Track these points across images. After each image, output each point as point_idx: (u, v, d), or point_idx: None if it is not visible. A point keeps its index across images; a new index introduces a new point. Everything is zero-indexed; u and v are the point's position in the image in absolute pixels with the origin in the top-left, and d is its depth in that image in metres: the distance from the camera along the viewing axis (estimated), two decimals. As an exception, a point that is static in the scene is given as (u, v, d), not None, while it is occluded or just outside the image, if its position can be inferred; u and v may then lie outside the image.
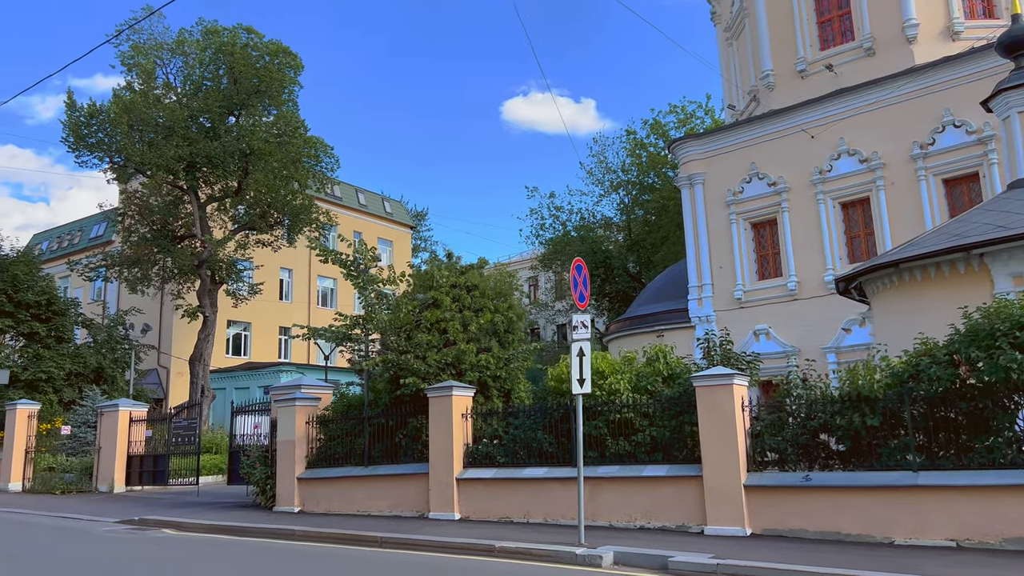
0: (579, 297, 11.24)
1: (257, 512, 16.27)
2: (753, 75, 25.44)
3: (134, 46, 32.86)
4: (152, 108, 31.21)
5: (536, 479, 13.19)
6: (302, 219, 36.70)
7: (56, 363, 28.64)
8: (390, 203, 65.05)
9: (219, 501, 18.90)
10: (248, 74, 32.77)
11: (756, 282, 23.56)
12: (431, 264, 16.64)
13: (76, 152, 30.84)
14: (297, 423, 16.30)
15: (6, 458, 22.86)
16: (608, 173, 38.61)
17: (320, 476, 15.95)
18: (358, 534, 12.65)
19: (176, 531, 14.66)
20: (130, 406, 22.70)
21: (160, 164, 30.59)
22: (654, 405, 12.70)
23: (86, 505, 19.16)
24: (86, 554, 12.08)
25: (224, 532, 14.19)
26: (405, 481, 14.80)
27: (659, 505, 12.03)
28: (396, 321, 15.00)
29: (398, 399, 15.64)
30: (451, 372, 15.42)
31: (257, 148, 32.51)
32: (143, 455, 22.10)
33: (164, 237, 34.33)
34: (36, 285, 29.83)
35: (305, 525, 13.72)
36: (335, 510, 15.55)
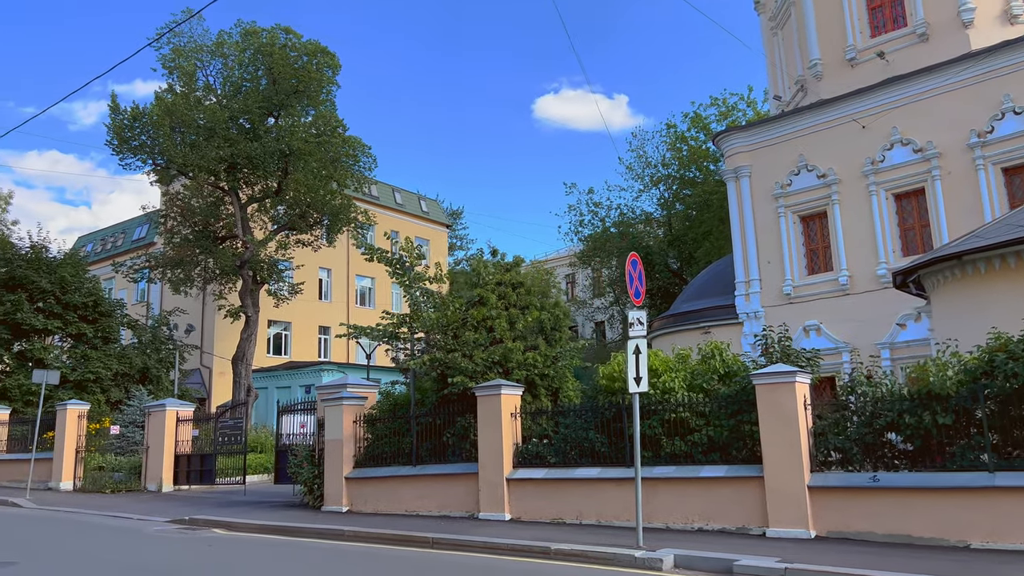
0: (635, 293, 10.93)
1: (305, 512, 16.23)
2: (800, 65, 24.82)
3: (175, 49, 33.18)
4: (193, 110, 31.49)
5: (589, 479, 12.92)
6: (341, 219, 36.82)
7: (103, 364, 29.02)
8: (426, 202, 65.18)
9: (266, 500, 18.93)
10: (287, 74, 32.90)
11: (805, 277, 22.98)
12: (477, 261, 16.40)
13: (120, 155, 31.23)
14: (344, 422, 16.22)
15: (57, 457, 23.18)
16: (648, 168, 38.14)
17: (368, 476, 15.85)
18: (409, 535, 12.50)
19: (226, 531, 14.66)
20: (177, 406, 22.88)
21: (202, 165, 30.85)
22: (710, 404, 12.36)
23: (136, 504, 19.33)
24: (138, 554, 12.09)
25: (274, 532, 14.15)
26: (454, 481, 14.63)
27: (717, 507, 11.68)
28: (443, 319, 14.83)
29: (445, 398, 15.47)
30: (498, 371, 15.21)
31: (297, 148, 32.63)
32: (190, 454, 22.27)
33: (206, 238, 34.65)
34: (83, 287, 30.27)
35: (355, 525, 13.61)
36: (383, 510, 15.44)
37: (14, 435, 26.08)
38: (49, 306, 29.15)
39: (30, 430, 25.48)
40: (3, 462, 25.29)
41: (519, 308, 16.30)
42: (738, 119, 36.47)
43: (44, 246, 30.64)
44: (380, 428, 16.42)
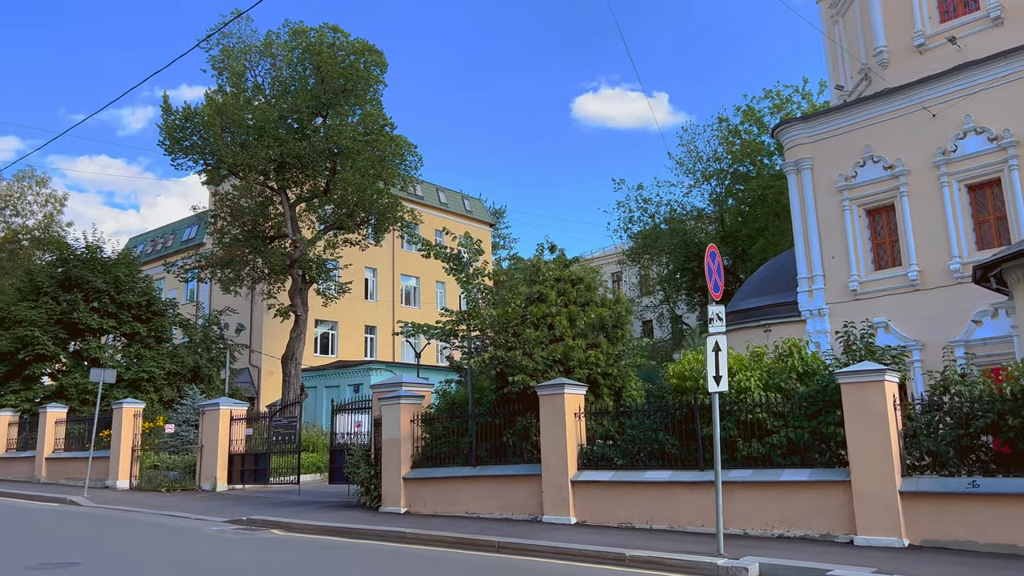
0: (713, 287, 10.39)
1: (363, 512, 15.95)
2: (864, 52, 23.87)
3: (224, 49, 33.33)
4: (243, 109, 31.58)
5: (659, 483, 12.38)
6: (388, 218, 36.69)
7: (157, 363, 29.24)
8: (470, 201, 64.99)
9: (321, 500, 18.73)
10: (334, 73, 32.81)
11: (872, 272, 22.07)
12: (536, 258, 15.95)
13: (172, 155, 31.46)
14: (402, 422, 15.91)
15: (114, 456, 23.32)
16: (699, 163, 37.29)
17: (426, 476, 15.51)
18: (474, 538, 12.10)
19: (284, 532, 14.44)
20: (230, 405, 22.85)
21: (252, 165, 30.91)
22: (788, 404, 11.74)
23: (191, 503, 19.28)
24: (198, 555, 11.89)
25: (333, 534, 13.87)
26: (516, 482, 14.21)
27: (799, 512, 11.06)
28: (504, 316, 14.41)
29: (504, 397, 15.07)
30: (559, 369, 14.77)
31: (345, 147, 32.55)
32: (244, 453, 22.20)
33: (255, 237, 34.77)
34: (137, 286, 30.55)
35: (416, 527, 13.26)
36: (442, 511, 15.08)
37: (71, 433, 26.37)
38: (104, 305, 29.44)
39: (87, 428, 25.76)
40: (61, 460, 25.55)
41: (579, 305, 15.82)
42: (792, 112, 35.48)
43: (99, 246, 30.99)
44: (437, 428, 16.07)
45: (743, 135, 35.96)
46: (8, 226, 41.14)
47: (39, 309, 28.41)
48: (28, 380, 28.45)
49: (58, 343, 28.70)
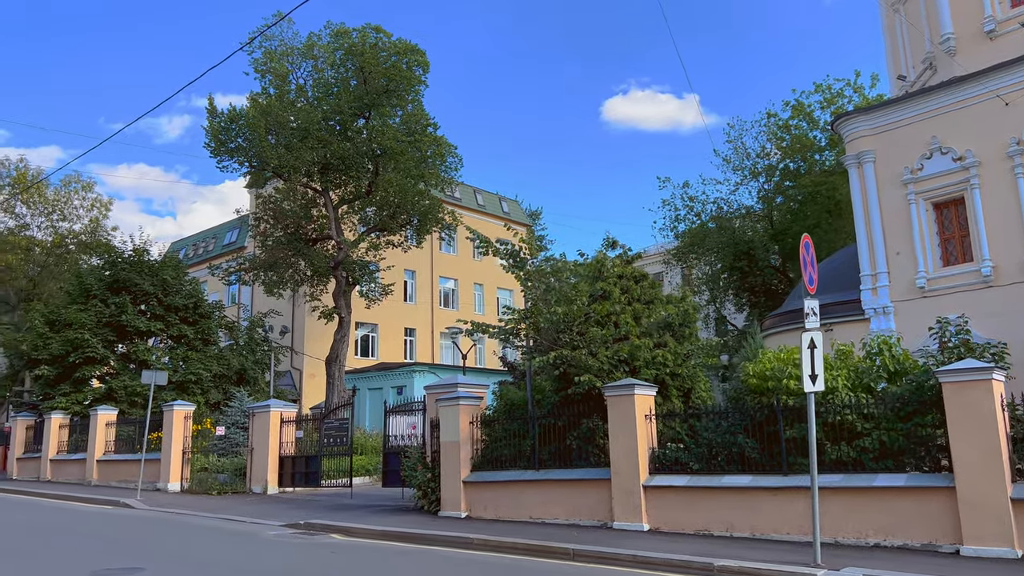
0: (808, 280, 9.78)
1: (422, 517, 15.54)
2: (928, 40, 22.96)
3: (266, 52, 33.30)
4: (287, 111, 31.48)
5: (739, 488, 11.77)
6: (429, 219, 36.40)
7: (204, 365, 29.19)
8: (507, 203, 64.66)
9: (376, 504, 18.36)
10: (377, 74, 32.60)
11: (940, 268, 21.15)
12: (599, 253, 15.43)
13: (217, 157, 31.46)
14: (461, 424, 15.48)
15: (165, 458, 23.21)
16: (746, 159, 36.40)
17: (487, 480, 15.05)
18: (545, 545, 11.60)
19: (344, 536, 14.07)
20: (280, 407, 22.62)
21: (296, 167, 30.80)
22: (879, 405, 11.08)
23: (244, 507, 19.04)
24: (261, 561, 11.55)
25: (394, 539, 13.47)
26: (583, 487, 13.68)
27: (896, 520, 10.39)
28: (569, 314, 13.91)
29: (568, 398, 14.55)
30: (624, 369, 14.23)
31: (388, 148, 32.31)
32: (294, 456, 21.95)
33: (298, 240, 34.69)
34: (183, 289, 30.56)
35: (481, 532, 12.80)
36: (504, 516, 14.61)
37: (120, 436, 26.39)
38: (152, 308, 29.49)
39: (135, 431, 25.75)
40: (112, 462, 25.56)
41: (643, 303, 15.29)
42: (843, 106, 34.47)
43: (145, 249, 31.09)
44: (497, 430, 15.62)
45: (793, 131, 35.01)
46: (56, 231, 41.60)
47: (88, 312, 28.52)
48: (78, 383, 28.56)
49: (107, 345, 28.79)
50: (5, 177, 40.86)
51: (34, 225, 41.83)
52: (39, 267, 41.49)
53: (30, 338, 29.59)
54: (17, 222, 41.54)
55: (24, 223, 41.57)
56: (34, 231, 41.86)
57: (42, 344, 28.45)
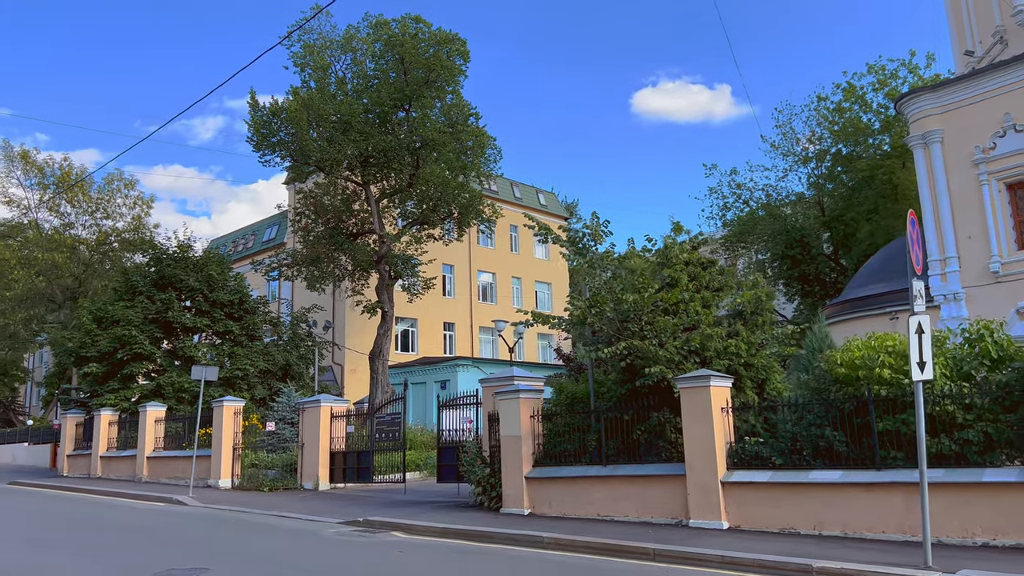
0: (915, 259, 9.07)
1: (482, 514, 15.06)
2: (998, 14, 21.91)
3: (305, 45, 33.03)
4: (328, 104, 31.17)
5: (828, 484, 11.09)
6: (471, 212, 35.87)
7: (250, 360, 29.05)
8: (544, 195, 64.04)
9: (433, 500, 17.93)
10: (417, 64, 32.15)
11: (1015, 252, 20.18)
12: (668, 239, 14.78)
13: (260, 151, 31.26)
14: (522, 418, 14.96)
15: (215, 455, 23.04)
16: (796, 144, 35.35)
17: (551, 476, 14.52)
18: (622, 544, 11.03)
19: (406, 534, 13.64)
20: (331, 401, 22.32)
21: (339, 160, 30.49)
22: (981, 394, 10.33)
23: (298, 503, 18.74)
24: (326, 561, 11.14)
25: (459, 536, 13.00)
26: (655, 483, 13.09)
27: (1008, 518, 9.65)
28: (639, 303, 13.29)
29: (634, 391, 13.94)
30: (694, 360, 13.59)
31: (430, 139, 31.86)
32: (346, 451, 21.62)
33: (339, 235, 34.45)
34: (228, 284, 30.45)
35: (552, 531, 12.26)
36: (569, 513, 14.07)
37: (169, 432, 26.33)
38: (198, 304, 29.42)
39: (184, 427, 25.68)
40: (161, 459, 25.51)
41: (712, 290, 14.64)
42: (897, 87, 33.30)
43: (189, 245, 31.03)
44: (558, 424, 15.08)
45: (845, 114, 33.89)
46: (99, 229, 41.88)
47: (135, 308, 28.53)
48: (126, 379, 28.59)
49: (154, 342, 28.77)
50: (50, 176, 41.22)
51: (78, 224, 42.22)
52: (84, 265, 41.82)
53: (78, 335, 29.71)
54: (62, 221, 41.93)
55: (69, 222, 41.95)
56: (78, 230, 42.24)
57: (90, 341, 28.53)
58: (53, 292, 41.52)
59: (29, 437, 40.80)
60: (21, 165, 40.36)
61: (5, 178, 40.63)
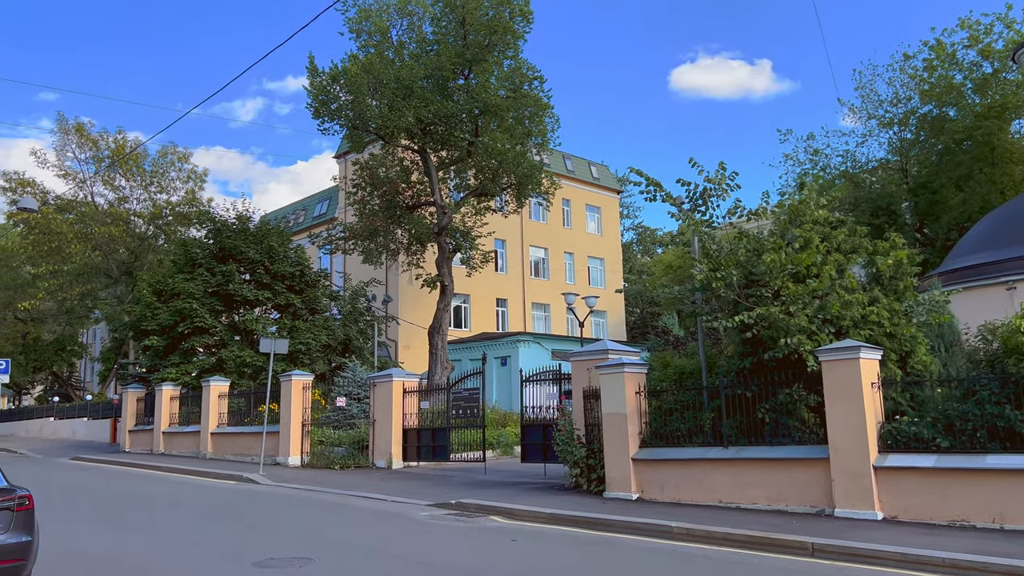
0: None
1: (584, 498, 13.84)
2: None
3: (361, 10, 31.81)
4: (388, 68, 29.92)
5: (1010, 471, 9.63)
6: (533, 181, 34.39)
7: (313, 335, 28.17)
8: (596, 167, 62.21)
9: (518, 482, 16.76)
10: (479, 27, 30.71)
11: None
12: (805, 189, 13.24)
13: (319, 119, 30.19)
14: (627, 394, 13.66)
15: (284, 431, 22.17)
16: (879, 107, 33.20)
17: (663, 458, 13.22)
18: (772, 537, 9.72)
19: (508, 519, 12.49)
20: (402, 376, 21.29)
21: (400, 126, 29.27)
22: None
23: (375, 482, 17.74)
24: (437, 550, 10.01)
25: (570, 524, 11.80)
26: (790, 468, 11.72)
27: None
28: (776, 264, 11.83)
29: (759, 365, 12.56)
30: (828, 331, 12.15)
31: (492, 104, 30.45)
32: (419, 428, 20.59)
33: (398, 207, 33.36)
34: (289, 256, 29.57)
35: (678, 520, 10.98)
36: (686, 499, 12.78)
37: (232, 408, 25.60)
38: (258, 276, 28.57)
39: (246, 403, 24.91)
40: (226, 435, 24.80)
41: (844, 253, 13.13)
42: (991, 44, 30.98)
43: (249, 216, 30.19)
44: (668, 401, 13.76)
45: (937, 73, 31.65)
46: (154, 203, 41.38)
47: (195, 281, 27.78)
48: (186, 353, 27.92)
49: (214, 315, 28.02)
50: (104, 150, 40.74)
51: (133, 198, 41.78)
52: (139, 240, 41.42)
53: (138, 308, 29.10)
54: (117, 195, 41.52)
55: (124, 196, 41.52)
56: (133, 204, 41.80)
57: (150, 314, 27.89)
58: (109, 266, 41.21)
59: (88, 412, 40.73)
60: (76, 139, 39.91)
61: (61, 152, 40.26)
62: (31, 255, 40.49)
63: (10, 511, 7.35)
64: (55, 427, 44.34)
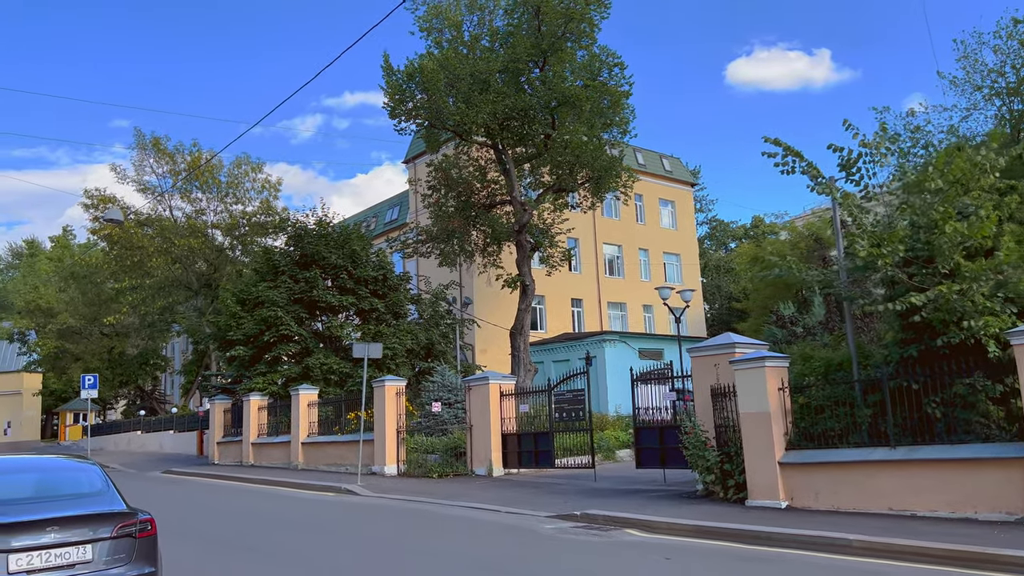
0: None
1: (723, 507, 12.52)
2: None
3: (430, 8, 31.08)
4: (463, 63, 29.07)
5: None
6: (613, 175, 33.03)
7: (398, 339, 27.44)
8: (668, 160, 60.37)
9: (638, 489, 15.53)
10: (554, 15, 29.60)
11: None
12: (984, 154, 11.66)
13: (396, 119, 29.54)
14: (769, 391, 12.31)
15: (378, 439, 21.35)
16: (987, 77, 30.76)
17: (816, 461, 11.83)
18: (985, 552, 8.28)
19: (646, 533, 11.27)
20: (499, 379, 20.27)
21: (478, 122, 28.36)
22: None
23: (481, 492, 16.72)
24: (579, 569, 8.85)
25: (718, 536, 10.51)
26: (977, 469, 10.20)
27: None
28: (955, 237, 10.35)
29: (927, 353, 11.09)
30: (1010, 312, 10.62)
31: (571, 95, 29.27)
32: (519, 433, 19.54)
33: (473, 207, 32.49)
34: (371, 260, 28.94)
35: (854, 531, 9.58)
36: (846, 507, 11.35)
37: (321, 416, 24.98)
38: (341, 281, 27.99)
39: (333, 411, 24.28)
40: (317, 444, 24.16)
41: (1019, 222, 11.56)
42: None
43: (329, 221, 29.68)
44: (816, 396, 12.36)
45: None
46: (230, 213, 41.51)
47: (279, 289, 27.35)
48: (272, 362, 27.50)
49: (299, 322, 27.54)
50: (180, 164, 41.03)
51: (209, 210, 41.96)
52: (217, 251, 41.59)
53: (222, 318, 28.86)
54: (194, 207, 41.78)
55: (200, 208, 41.75)
56: (209, 216, 42.00)
57: (235, 324, 27.56)
58: (189, 279, 41.49)
59: (174, 425, 41.00)
60: (153, 153, 40.28)
61: (139, 167, 40.70)
62: (114, 270, 41.01)
63: (132, 538, 6.52)
64: (142, 440, 44.86)
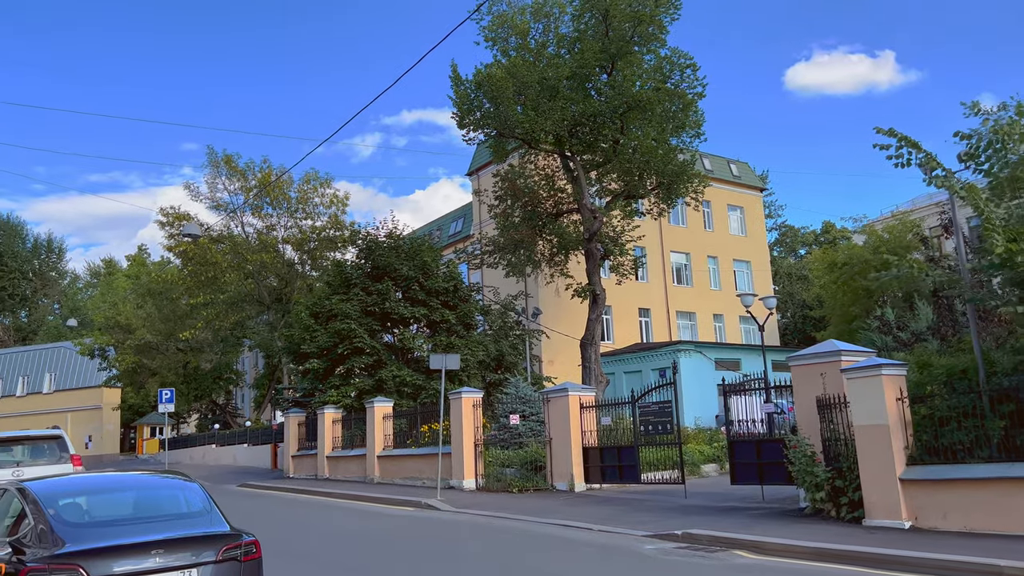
0: None
1: (837, 526, 11.60)
2: None
3: (496, 17, 30.77)
4: (531, 70, 28.64)
5: None
6: (684, 180, 32.08)
7: (470, 351, 27.04)
8: (736, 165, 58.94)
9: (734, 506, 14.67)
10: (623, 17, 28.95)
11: None
12: None
13: (464, 129, 29.28)
14: (887, 401, 11.38)
15: (456, 453, 20.91)
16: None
17: (944, 477, 10.86)
18: None
19: (756, 555, 10.49)
20: (578, 391, 19.63)
21: (548, 129, 27.87)
22: None
23: (567, 508, 16.08)
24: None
25: (840, 560, 9.65)
26: None
27: None
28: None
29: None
30: None
31: (641, 99, 28.54)
32: (601, 447, 18.84)
33: (542, 216, 31.97)
34: (442, 271, 28.69)
35: (1004, 557, 8.65)
36: (982, 527, 10.35)
37: (396, 429, 24.70)
38: (412, 293, 27.77)
39: (406, 423, 23.97)
40: (393, 458, 23.86)
41: None
42: None
43: (400, 233, 29.55)
44: (939, 407, 11.38)
45: None
46: (300, 228, 41.92)
47: (351, 302, 27.27)
48: (346, 375, 27.40)
49: (372, 335, 27.40)
50: (251, 179, 41.65)
51: (280, 225, 42.43)
52: (288, 266, 42.03)
53: (296, 332, 28.94)
54: (265, 223, 42.33)
55: (271, 223, 42.28)
56: (279, 231, 42.47)
57: (309, 337, 27.57)
58: (260, 294, 41.98)
59: (248, 438, 41.43)
60: (225, 170, 40.97)
61: (211, 184, 41.43)
62: (189, 286, 41.75)
63: (236, 562, 6.11)
64: (217, 454, 45.49)
